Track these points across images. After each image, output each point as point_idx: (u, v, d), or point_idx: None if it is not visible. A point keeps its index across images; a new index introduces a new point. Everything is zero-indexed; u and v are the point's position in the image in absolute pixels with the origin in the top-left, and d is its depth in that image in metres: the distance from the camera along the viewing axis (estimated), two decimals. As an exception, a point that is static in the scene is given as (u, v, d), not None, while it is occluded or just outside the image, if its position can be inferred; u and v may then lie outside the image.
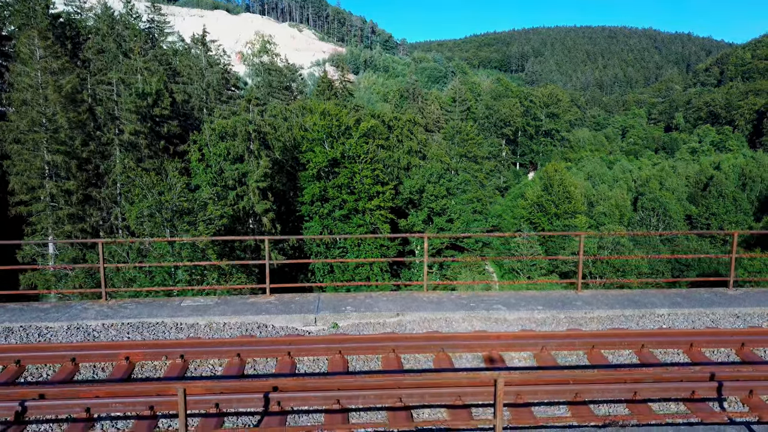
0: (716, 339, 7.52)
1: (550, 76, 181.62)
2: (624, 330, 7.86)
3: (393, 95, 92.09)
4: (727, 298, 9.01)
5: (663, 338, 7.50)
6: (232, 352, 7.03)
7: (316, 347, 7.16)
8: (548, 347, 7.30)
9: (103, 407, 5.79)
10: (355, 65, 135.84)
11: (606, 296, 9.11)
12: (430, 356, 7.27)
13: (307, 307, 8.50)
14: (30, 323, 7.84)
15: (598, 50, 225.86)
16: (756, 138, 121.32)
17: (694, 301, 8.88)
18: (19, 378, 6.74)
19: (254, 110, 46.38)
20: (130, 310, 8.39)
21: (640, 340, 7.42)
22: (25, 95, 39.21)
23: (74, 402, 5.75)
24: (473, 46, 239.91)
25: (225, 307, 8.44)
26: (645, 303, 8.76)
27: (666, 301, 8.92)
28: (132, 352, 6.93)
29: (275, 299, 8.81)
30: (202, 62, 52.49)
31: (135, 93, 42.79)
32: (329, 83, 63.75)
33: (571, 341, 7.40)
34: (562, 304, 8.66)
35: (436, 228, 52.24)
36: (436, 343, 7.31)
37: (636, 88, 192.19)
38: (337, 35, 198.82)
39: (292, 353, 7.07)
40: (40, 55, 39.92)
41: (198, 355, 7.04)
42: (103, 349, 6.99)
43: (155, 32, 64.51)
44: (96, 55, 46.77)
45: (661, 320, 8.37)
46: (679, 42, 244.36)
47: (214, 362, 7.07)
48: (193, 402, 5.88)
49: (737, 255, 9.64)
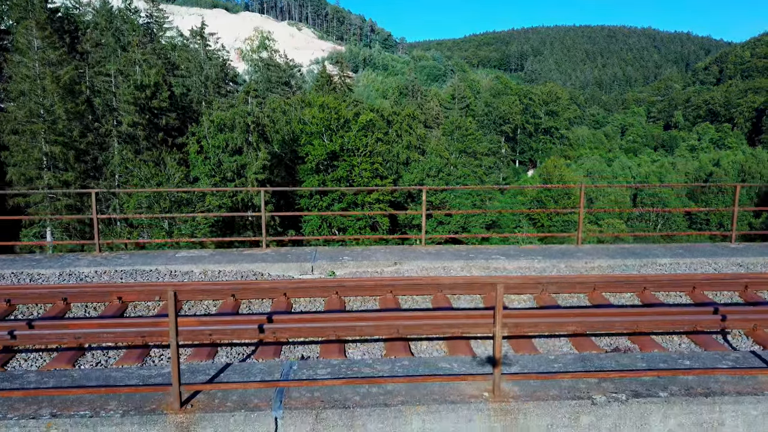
0: (719, 282, 7.40)
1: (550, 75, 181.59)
2: (625, 274, 7.76)
3: (392, 92, 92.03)
4: (729, 250, 8.90)
5: (665, 281, 7.38)
6: (227, 293, 6.91)
7: (312, 288, 7.04)
8: (549, 289, 7.17)
9: (93, 337, 5.66)
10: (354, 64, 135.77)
11: (607, 249, 9.01)
12: (428, 297, 7.15)
13: (303, 257, 8.39)
14: (22, 270, 7.72)
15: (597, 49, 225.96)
16: (755, 135, 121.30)
17: (696, 252, 8.78)
18: (9, 316, 6.62)
19: (253, 102, 46.25)
20: (124, 260, 8.27)
21: (641, 284, 7.30)
22: (23, 86, 39.01)
23: (64, 332, 5.62)
24: (472, 45, 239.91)
25: (220, 257, 8.33)
26: (646, 254, 8.66)
27: (668, 252, 8.81)
28: (124, 292, 6.81)
29: (271, 251, 8.69)
30: (200, 55, 52.35)
31: (133, 85, 42.60)
32: (328, 78, 63.65)
33: (572, 284, 7.28)
34: (562, 254, 8.55)
35: (435, 221, 52.10)
36: (435, 285, 7.19)
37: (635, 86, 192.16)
38: (336, 34, 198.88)
39: (288, 294, 6.95)
40: (38, 46, 39.75)
41: (191, 295, 6.92)
42: (95, 288, 6.87)
43: (154, 28, 64.38)
44: (94, 47, 46.63)
45: (662, 269, 8.26)
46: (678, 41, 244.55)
47: (208, 303, 6.95)
48: (186, 332, 5.75)
49: (740, 208, 9.53)
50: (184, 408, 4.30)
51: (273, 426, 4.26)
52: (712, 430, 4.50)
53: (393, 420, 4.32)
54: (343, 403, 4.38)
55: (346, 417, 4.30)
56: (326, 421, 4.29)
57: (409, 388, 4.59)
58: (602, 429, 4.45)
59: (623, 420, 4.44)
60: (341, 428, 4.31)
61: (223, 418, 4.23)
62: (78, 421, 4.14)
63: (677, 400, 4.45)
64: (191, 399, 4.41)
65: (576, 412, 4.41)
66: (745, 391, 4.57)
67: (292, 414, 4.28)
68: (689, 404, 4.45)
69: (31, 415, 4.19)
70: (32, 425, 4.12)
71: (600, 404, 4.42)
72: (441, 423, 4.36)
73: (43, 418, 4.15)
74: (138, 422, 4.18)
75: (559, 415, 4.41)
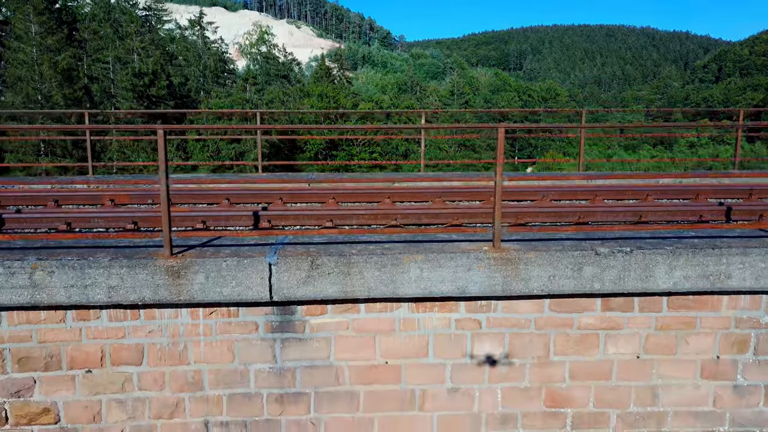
0: (723, 190, 7.29)
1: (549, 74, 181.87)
2: (628, 183, 7.66)
3: (391, 87, 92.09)
4: (735, 174, 8.81)
5: (669, 189, 7.27)
6: (221, 196, 6.79)
7: (309, 194, 6.92)
8: (550, 195, 7.05)
9: (83, 221, 5.54)
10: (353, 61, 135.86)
11: (608, 173, 8.91)
12: (427, 204, 7.02)
13: (301, 177, 8.30)
14: (14, 184, 7.61)
15: (596, 48, 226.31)
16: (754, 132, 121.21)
17: (699, 173, 8.65)
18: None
19: (251, 90, 46.10)
20: (117, 179, 8.16)
21: (645, 191, 7.19)
22: (20, 72, 38.85)
23: (55, 215, 5.50)
24: (471, 44, 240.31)
25: (215, 177, 8.23)
26: (649, 178, 8.57)
27: (669, 176, 8.71)
28: (117, 194, 6.69)
29: (267, 174, 8.59)
30: (199, 45, 52.31)
31: (131, 72, 42.46)
32: (327, 70, 63.59)
33: (573, 191, 7.16)
34: (562, 175, 8.46)
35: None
36: (434, 192, 7.07)
37: (634, 85, 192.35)
38: (335, 32, 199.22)
39: (285, 199, 6.83)
40: (36, 31, 39.58)
41: (185, 198, 6.80)
42: (87, 192, 6.74)
43: (152, 20, 64.36)
44: (92, 36, 46.56)
45: (665, 186, 8.14)
46: (677, 40, 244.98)
47: (202, 207, 6.82)
48: (178, 219, 5.63)
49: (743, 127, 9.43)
50: (175, 256, 4.17)
51: (267, 272, 4.13)
52: (718, 282, 4.38)
53: (391, 268, 4.20)
54: (340, 252, 4.26)
55: (342, 264, 4.18)
56: (322, 267, 4.17)
57: (407, 245, 4.47)
58: (606, 281, 4.33)
59: (627, 272, 4.32)
60: (337, 275, 4.19)
61: (215, 263, 4.11)
62: (65, 263, 4.01)
63: (683, 252, 4.32)
64: (184, 252, 4.29)
65: (579, 263, 4.29)
66: (752, 245, 4.45)
67: (287, 261, 4.15)
68: (695, 255, 4.33)
69: (16, 258, 4.06)
70: (17, 266, 3.99)
71: (604, 255, 4.30)
72: (439, 272, 4.24)
73: (28, 260, 4.03)
74: (127, 265, 4.06)
75: (562, 266, 4.29)
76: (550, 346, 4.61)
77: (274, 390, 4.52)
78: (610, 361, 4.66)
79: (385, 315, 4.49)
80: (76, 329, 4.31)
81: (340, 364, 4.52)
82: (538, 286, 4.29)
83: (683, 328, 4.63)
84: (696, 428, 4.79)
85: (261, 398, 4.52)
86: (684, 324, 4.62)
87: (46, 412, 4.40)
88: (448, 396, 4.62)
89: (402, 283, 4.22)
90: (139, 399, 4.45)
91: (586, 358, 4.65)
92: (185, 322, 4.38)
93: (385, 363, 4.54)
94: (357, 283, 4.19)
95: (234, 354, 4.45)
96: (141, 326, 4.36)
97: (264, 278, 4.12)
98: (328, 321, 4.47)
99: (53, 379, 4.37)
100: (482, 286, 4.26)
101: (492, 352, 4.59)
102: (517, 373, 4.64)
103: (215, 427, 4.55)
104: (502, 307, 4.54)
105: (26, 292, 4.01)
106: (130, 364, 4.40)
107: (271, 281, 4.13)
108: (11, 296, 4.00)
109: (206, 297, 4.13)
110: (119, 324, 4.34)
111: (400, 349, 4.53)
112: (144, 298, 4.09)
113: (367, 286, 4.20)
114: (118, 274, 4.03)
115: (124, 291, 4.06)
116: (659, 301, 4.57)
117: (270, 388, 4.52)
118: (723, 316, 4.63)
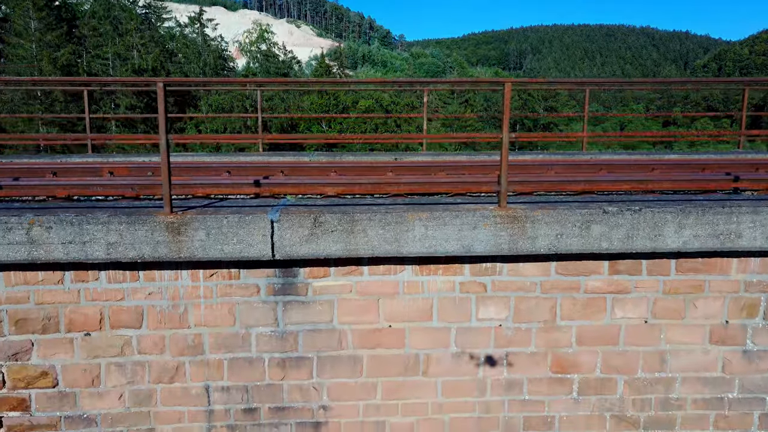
0: (730, 164, 7.19)
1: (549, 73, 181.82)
2: (636, 158, 7.58)
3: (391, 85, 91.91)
4: (741, 152, 8.74)
5: (674, 163, 7.18)
6: (221, 170, 6.71)
7: (310, 168, 6.83)
8: (554, 169, 6.96)
9: (83, 189, 5.44)
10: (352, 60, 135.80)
11: (612, 153, 8.84)
12: (430, 177, 6.94)
13: (301, 154, 8.22)
14: (11, 160, 7.54)
15: (596, 48, 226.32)
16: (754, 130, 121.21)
17: (705, 151, 8.61)
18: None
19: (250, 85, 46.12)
20: (116, 155, 8.09)
21: (650, 165, 7.10)
22: (20, 67, 38.75)
23: (54, 184, 5.41)
24: (471, 44, 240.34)
25: (215, 155, 8.15)
26: (654, 154, 8.49)
27: (675, 153, 8.65)
28: (116, 167, 6.60)
29: (267, 153, 8.51)
30: (198, 42, 52.26)
31: (131, 68, 42.36)
32: (327, 67, 63.51)
33: (578, 165, 7.07)
34: (568, 153, 8.38)
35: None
36: (437, 166, 6.99)
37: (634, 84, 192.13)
38: (335, 31, 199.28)
39: (286, 172, 6.74)
40: (35, 27, 39.50)
41: (185, 171, 6.71)
42: (85, 164, 6.66)
43: (152, 18, 64.27)
44: (91, 32, 46.47)
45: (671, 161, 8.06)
46: (677, 40, 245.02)
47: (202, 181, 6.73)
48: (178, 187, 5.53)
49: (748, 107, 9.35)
50: (176, 213, 4.09)
51: (269, 229, 4.05)
52: (728, 242, 4.30)
53: (395, 225, 4.12)
54: (344, 211, 4.18)
55: (346, 222, 4.10)
56: (325, 225, 4.09)
57: (411, 206, 4.39)
58: (614, 240, 4.25)
59: (636, 231, 4.24)
60: (340, 233, 4.11)
61: (216, 219, 4.03)
62: (63, 218, 3.94)
63: (692, 211, 4.25)
64: (184, 211, 4.21)
65: (587, 221, 4.21)
66: (763, 204, 4.37)
67: (290, 218, 4.08)
68: (705, 213, 4.25)
69: (13, 214, 3.98)
70: (14, 221, 3.92)
71: (612, 213, 4.22)
72: (444, 230, 4.16)
73: (26, 216, 3.95)
74: (126, 222, 3.98)
75: (569, 224, 4.21)
76: (556, 310, 4.53)
77: (276, 354, 4.44)
78: (618, 325, 4.58)
79: (389, 278, 4.41)
80: (74, 291, 4.23)
81: (343, 327, 4.45)
82: (545, 245, 4.21)
83: (692, 292, 4.56)
84: (704, 394, 4.71)
85: (263, 363, 4.44)
86: (692, 288, 4.55)
87: (44, 376, 4.32)
88: (453, 360, 4.55)
89: (406, 241, 4.14)
90: (139, 363, 4.38)
91: (593, 323, 4.57)
92: (185, 284, 4.31)
93: (389, 327, 4.46)
94: (361, 241, 4.11)
95: (235, 317, 4.37)
96: (140, 288, 4.28)
97: (266, 235, 4.04)
98: (331, 284, 4.39)
99: (51, 342, 4.29)
100: (488, 244, 4.18)
101: (497, 316, 4.51)
102: (522, 338, 4.56)
103: (216, 392, 4.47)
104: (507, 270, 4.46)
105: (23, 248, 3.93)
106: (129, 327, 4.33)
107: (273, 239, 4.05)
108: (8, 252, 3.92)
109: (207, 254, 4.05)
110: (118, 285, 4.26)
111: (404, 313, 4.46)
112: (143, 255, 4.01)
113: (371, 244, 4.12)
114: (117, 230, 3.95)
115: (123, 248, 3.98)
116: (667, 264, 4.50)
117: (272, 353, 4.44)
118: (732, 280, 4.55)
